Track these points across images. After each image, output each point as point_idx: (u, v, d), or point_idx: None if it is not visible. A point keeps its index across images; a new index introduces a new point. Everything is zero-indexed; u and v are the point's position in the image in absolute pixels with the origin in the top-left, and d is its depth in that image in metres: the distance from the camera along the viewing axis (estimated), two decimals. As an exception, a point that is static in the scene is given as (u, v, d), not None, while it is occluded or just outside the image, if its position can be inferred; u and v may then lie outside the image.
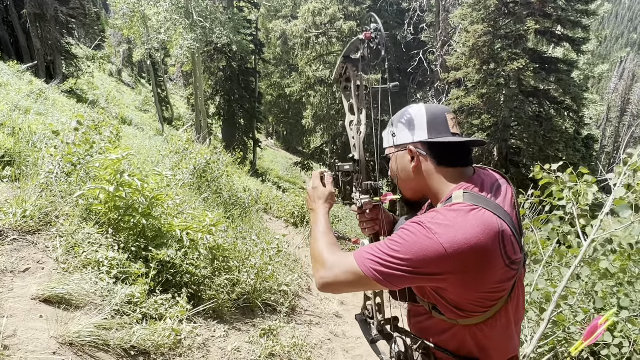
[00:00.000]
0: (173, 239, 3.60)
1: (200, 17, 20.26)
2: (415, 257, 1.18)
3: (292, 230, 8.49)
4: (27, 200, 3.34)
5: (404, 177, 1.46)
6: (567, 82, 16.04)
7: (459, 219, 1.18)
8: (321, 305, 5.22)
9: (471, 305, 1.26)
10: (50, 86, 14.93)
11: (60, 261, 2.98)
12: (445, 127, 1.37)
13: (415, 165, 1.40)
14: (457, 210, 1.21)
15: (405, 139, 1.41)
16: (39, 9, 18.09)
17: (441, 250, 1.15)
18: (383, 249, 1.23)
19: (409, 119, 1.41)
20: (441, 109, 1.41)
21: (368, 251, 1.26)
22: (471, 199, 1.25)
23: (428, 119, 1.37)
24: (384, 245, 1.24)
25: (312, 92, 25.15)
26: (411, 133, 1.39)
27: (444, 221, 1.18)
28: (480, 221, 1.18)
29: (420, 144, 1.38)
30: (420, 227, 1.20)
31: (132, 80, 36.85)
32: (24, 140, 4.81)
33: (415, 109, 1.41)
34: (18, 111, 7.61)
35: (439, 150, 1.37)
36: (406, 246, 1.19)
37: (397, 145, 1.44)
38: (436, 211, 1.24)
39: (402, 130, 1.42)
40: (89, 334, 2.47)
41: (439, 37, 19.91)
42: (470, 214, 1.19)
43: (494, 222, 1.20)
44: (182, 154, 7.02)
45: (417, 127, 1.38)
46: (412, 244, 1.18)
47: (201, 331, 3.31)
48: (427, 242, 1.17)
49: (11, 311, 2.43)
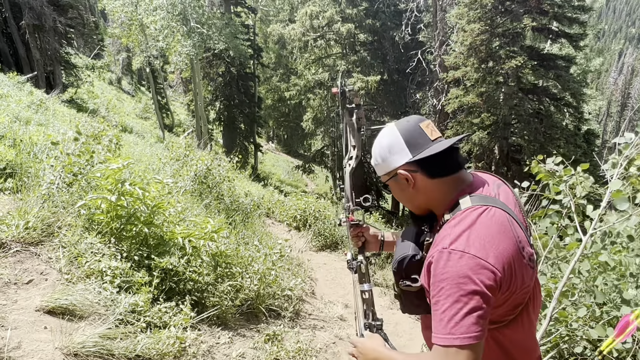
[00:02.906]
0: (176, 246, 3.61)
1: (198, 23, 20.32)
2: (471, 283, 1.14)
3: (295, 234, 8.49)
4: (29, 211, 3.35)
5: (406, 199, 1.47)
6: (566, 79, 16.03)
7: (478, 223, 1.22)
8: (325, 309, 5.22)
9: (503, 311, 1.27)
10: (51, 96, 14.98)
11: (63, 272, 2.99)
12: (424, 138, 1.37)
13: (412, 185, 1.39)
14: (470, 216, 1.24)
15: (394, 165, 1.40)
16: (38, 20, 18.16)
17: (481, 263, 1.15)
18: (446, 308, 1.15)
19: (388, 145, 1.40)
20: (413, 122, 1.40)
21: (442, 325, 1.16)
22: (479, 200, 1.29)
23: (405, 138, 1.37)
24: (442, 303, 1.17)
25: (311, 96, 25.14)
26: (395, 158, 1.39)
27: (463, 235, 1.20)
28: (496, 219, 1.24)
29: (407, 165, 1.37)
30: (448, 255, 1.18)
31: (132, 88, 36.96)
32: (25, 152, 4.83)
33: (389, 133, 1.41)
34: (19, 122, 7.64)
35: (427, 164, 1.36)
36: (454, 282, 1.15)
37: (389, 172, 1.43)
38: (449, 227, 1.26)
39: (386, 158, 1.41)
40: (94, 344, 2.48)
41: (436, 37, 19.92)
42: (484, 214, 1.24)
43: (505, 219, 1.25)
44: (183, 160, 7.04)
45: (398, 150, 1.38)
46: (455, 274, 1.15)
47: (206, 338, 3.32)
48: (465, 262, 1.15)
49: (16, 323, 2.44)
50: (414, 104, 23.71)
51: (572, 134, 16.40)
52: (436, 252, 1.21)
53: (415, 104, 23.73)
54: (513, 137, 16.87)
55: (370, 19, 22.82)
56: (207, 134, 23.48)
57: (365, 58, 23.12)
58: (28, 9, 17.96)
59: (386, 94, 24.09)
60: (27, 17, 17.97)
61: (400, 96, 24.74)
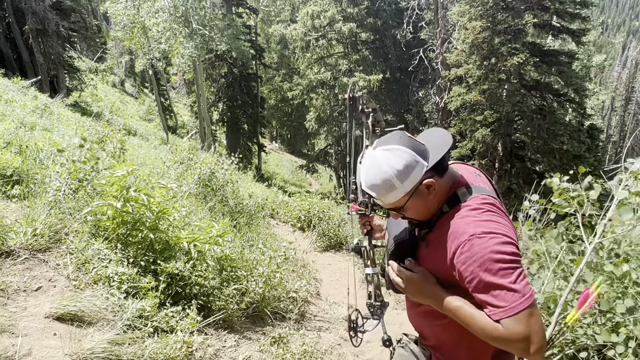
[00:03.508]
0: (181, 251, 3.65)
1: (200, 25, 20.39)
2: (503, 253, 1.26)
3: (299, 235, 8.53)
4: (36, 219, 3.40)
5: (426, 209, 1.49)
6: (569, 74, 16.01)
7: (486, 211, 1.37)
8: (330, 310, 5.25)
9: None
10: (55, 101, 15.07)
11: (71, 278, 3.04)
12: (421, 145, 1.43)
13: (432, 191, 1.43)
14: (477, 205, 1.38)
15: (415, 180, 1.40)
16: (41, 25, 18.25)
17: (505, 237, 1.29)
18: (498, 283, 1.25)
19: (404, 165, 1.39)
20: (404, 135, 1.45)
21: (503, 299, 1.24)
22: (476, 191, 1.44)
23: (414, 151, 1.40)
24: (493, 282, 1.25)
25: (314, 95, 25.19)
26: (416, 172, 1.39)
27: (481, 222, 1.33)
28: (495, 206, 1.41)
29: (426, 174, 1.40)
30: (476, 239, 1.29)
31: (135, 90, 37.06)
32: (31, 158, 4.89)
33: (397, 152, 1.40)
34: (24, 128, 7.71)
35: (439, 166, 1.43)
36: (492, 259, 1.26)
37: (410, 191, 1.42)
38: (462, 217, 1.37)
39: (407, 178, 1.39)
40: (102, 350, 2.52)
41: (438, 35, 19.91)
42: (486, 203, 1.40)
43: (499, 204, 1.45)
44: (187, 164, 7.09)
45: (415, 164, 1.39)
46: (490, 252, 1.26)
47: (212, 342, 3.36)
48: (494, 240, 1.27)
49: (26, 330, 2.49)
50: (417, 102, 23.72)
51: (575, 129, 16.37)
52: (462, 242, 1.31)
53: (417, 101, 23.74)
54: (516, 133, 16.85)
55: (371, 18, 22.84)
56: (210, 135, 23.56)
57: (367, 57, 23.14)
58: (31, 13, 18.05)
59: (389, 92, 24.11)
60: (30, 22, 18.06)
61: (402, 94, 24.75)
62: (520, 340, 1.23)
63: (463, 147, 16.98)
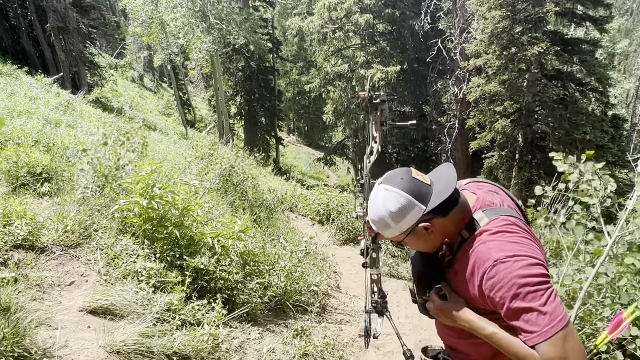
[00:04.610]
0: (205, 246, 3.75)
1: (217, 19, 20.46)
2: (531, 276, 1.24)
3: (319, 228, 8.60)
4: (66, 215, 3.53)
5: (426, 246, 1.52)
6: (592, 63, 15.64)
7: (507, 233, 1.35)
8: (351, 303, 5.32)
9: None
10: (77, 97, 15.38)
11: (102, 273, 3.16)
12: (424, 187, 1.42)
13: (431, 232, 1.45)
14: (497, 229, 1.36)
15: (410, 223, 1.42)
16: (62, 22, 18.58)
17: (530, 259, 1.27)
18: (529, 307, 1.23)
19: (399, 208, 1.40)
20: (408, 175, 1.44)
21: (536, 324, 1.22)
22: (493, 213, 1.42)
23: (411, 194, 1.40)
24: (524, 307, 1.24)
25: (331, 88, 25.10)
26: (411, 216, 1.41)
27: (503, 245, 1.31)
28: (515, 227, 1.38)
29: (422, 216, 1.41)
30: (500, 264, 1.27)
31: (153, 85, 37.48)
32: (58, 156, 5.04)
33: (394, 197, 1.41)
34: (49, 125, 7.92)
35: (440, 208, 1.41)
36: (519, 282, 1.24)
37: (405, 231, 1.45)
38: (483, 243, 1.36)
39: (400, 220, 1.42)
40: (134, 342, 2.63)
41: (457, 25, 19.65)
42: (505, 225, 1.37)
43: (521, 223, 1.42)
44: (208, 159, 7.19)
45: (410, 208, 1.40)
46: (517, 275, 1.24)
47: (237, 334, 3.45)
48: (520, 263, 1.26)
49: (62, 323, 2.61)
50: (435, 93, 23.48)
51: (598, 119, 16.03)
52: (487, 268, 1.30)
53: (436, 93, 23.50)
54: (537, 124, 16.58)
55: (389, 9, 22.63)
56: (228, 129, 23.73)
57: (385, 48, 22.96)
58: (52, 11, 18.39)
59: (406, 83, 23.92)
60: (51, 20, 18.40)
61: (420, 86, 24.53)
62: None
63: (482, 139, 16.79)
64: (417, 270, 1.61)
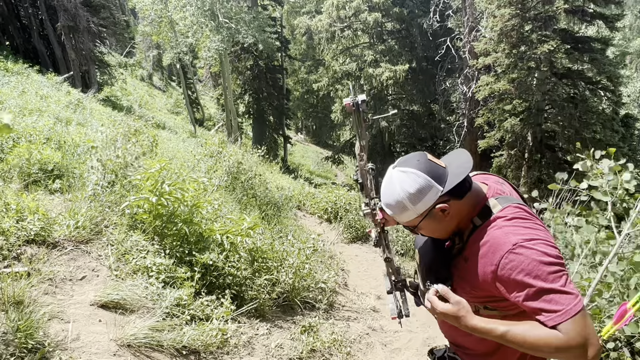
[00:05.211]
0: (214, 243, 3.78)
1: (226, 18, 20.55)
2: (550, 257, 1.27)
3: (327, 226, 8.62)
4: (78, 211, 3.57)
5: (441, 229, 1.52)
6: (602, 62, 15.52)
7: (522, 219, 1.38)
8: (358, 300, 5.33)
9: None
10: (88, 95, 15.51)
11: (112, 268, 3.20)
12: (440, 169, 1.44)
13: (448, 214, 1.45)
14: (513, 215, 1.40)
15: (428, 204, 1.43)
16: (72, 22, 18.76)
17: (548, 243, 1.31)
18: (549, 288, 1.24)
19: (417, 189, 1.41)
20: (423, 157, 1.45)
21: (556, 304, 1.23)
22: (505, 201, 1.45)
23: (429, 175, 1.41)
24: (543, 289, 1.24)
25: (339, 86, 25.13)
26: (429, 196, 1.42)
27: (521, 230, 1.34)
28: (525, 214, 1.41)
29: (440, 198, 1.42)
30: (520, 248, 1.29)
31: (162, 84, 37.68)
32: (69, 154, 5.10)
33: (411, 177, 1.42)
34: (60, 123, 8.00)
35: (457, 190, 1.42)
36: (539, 265, 1.26)
37: (422, 213, 1.45)
38: (500, 228, 1.38)
39: (419, 201, 1.42)
40: (144, 336, 2.67)
41: (466, 23, 19.57)
42: (520, 211, 1.41)
43: (529, 210, 1.45)
44: (217, 157, 7.23)
45: (429, 189, 1.41)
46: (536, 258, 1.27)
47: (245, 330, 3.48)
48: (539, 248, 1.28)
49: (74, 317, 2.65)
50: (444, 91, 23.42)
51: (609, 118, 15.92)
52: (507, 251, 1.31)
53: (444, 91, 23.44)
54: (547, 123, 16.48)
55: (397, 7, 22.60)
56: (237, 128, 23.82)
57: (393, 47, 22.93)
58: (63, 11, 18.57)
59: (415, 82, 23.87)
60: (62, 19, 18.58)
61: (429, 84, 24.47)
62: (579, 344, 1.20)
63: (491, 138, 16.73)
64: (429, 259, 1.60)
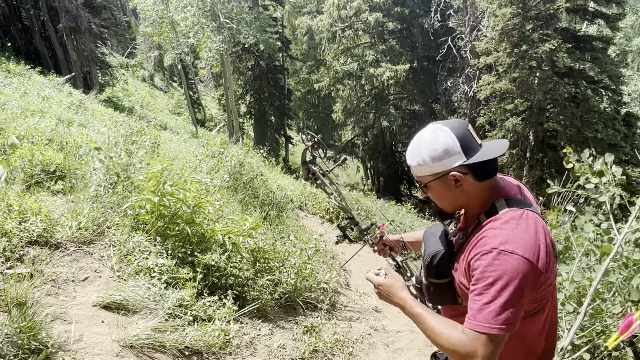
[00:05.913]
0: (216, 243, 3.79)
1: (227, 19, 20.56)
2: (517, 280, 1.25)
3: (328, 226, 8.62)
4: (80, 213, 3.58)
5: (449, 199, 1.50)
6: (604, 61, 15.49)
7: (520, 226, 1.33)
8: (360, 300, 5.33)
9: (533, 304, 1.38)
10: (89, 96, 15.53)
11: (115, 269, 3.20)
12: (474, 143, 1.42)
13: (459, 186, 1.44)
14: (512, 219, 1.35)
15: (447, 166, 1.41)
16: (74, 23, 18.78)
17: (528, 263, 1.27)
18: (490, 300, 1.26)
19: (444, 147, 1.40)
20: (463, 126, 1.44)
21: (481, 314, 1.27)
22: (516, 204, 1.40)
23: (461, 142, 1.39)
24: (486, 295, 1.27)
25: (341, 86, 25.12)
26: (450, 160, 1.40)
27: (510, 237, 1.30)
28: (532, 221, 1.35)
29: (460, 167, 1.40)
30: (497, 254, 1.28)
31: (164, 84, 37.70)
32: (71, 155, 5.11)
33: (444, 135, 1.41)
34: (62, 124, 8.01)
35: (478, 168, 1.41)
36: (503, 278, 1.25)
37: (438, 173, 1.44)
38: (493, 229, 1.35)
39: (440, 159, 1.41)
40: (147, 336, 2.67)
41: (467, 22, 19.55)
42: (523, 217, 1.35)
43: (540, 220, 1.38)
44: (218, 157, 7.24)
45: (454, 153, 1.39)
46: (504, 271, 1.26)
47: (248, 330, 3.49)
48: (515, 262, 1.26)
49: (76, 318, 2.66)
50: (445, 91, 23.39)
51: (610, 117, 15.88)
52: (485, 250, 1.31)
53: (446, 91, 23.41)
54: (548, 122, 16.46)
55: (398, 7, 22.59)
56: (238, 128, 23.84)
57: (394, 47, 22.93)
58: (64, 12, 18.59)
59: (416, 82, 23.86)
60: (63, 20, 18.60)
61: (430, 84, 24.46)
62: (468, 354, 1.26)
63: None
64: (436, 251, 1.58)
